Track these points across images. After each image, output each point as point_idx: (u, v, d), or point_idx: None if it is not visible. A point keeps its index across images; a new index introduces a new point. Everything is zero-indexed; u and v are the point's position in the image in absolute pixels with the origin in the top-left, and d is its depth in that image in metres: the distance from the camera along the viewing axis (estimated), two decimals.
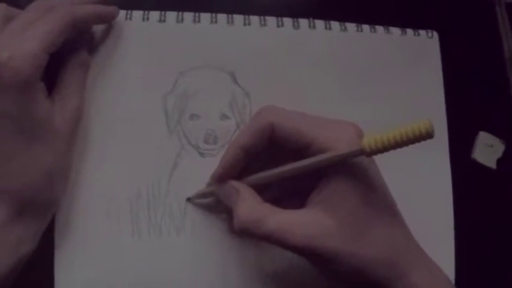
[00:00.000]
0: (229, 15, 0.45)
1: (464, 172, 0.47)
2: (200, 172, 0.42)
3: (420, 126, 0.30)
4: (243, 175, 0.39)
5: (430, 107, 0.47)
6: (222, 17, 0.45)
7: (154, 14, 0.44)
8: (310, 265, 0.36)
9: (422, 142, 0.31)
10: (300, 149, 0.36)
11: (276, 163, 0.37)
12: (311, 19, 0.46)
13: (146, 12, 0.44)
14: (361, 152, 0.33)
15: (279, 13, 0.46)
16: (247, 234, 0.36)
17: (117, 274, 0.40)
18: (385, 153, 0.32)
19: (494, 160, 0.49)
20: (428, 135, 0.30)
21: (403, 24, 0.48)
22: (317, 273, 0.37)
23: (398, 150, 0.32)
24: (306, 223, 0.34)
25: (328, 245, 0.34)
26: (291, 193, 0.38)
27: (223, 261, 0.41)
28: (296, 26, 0.46)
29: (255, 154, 0.38)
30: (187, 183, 0.42)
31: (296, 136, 0.36)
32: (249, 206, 0.36)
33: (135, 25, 0.43)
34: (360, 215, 0.35)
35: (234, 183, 0.38)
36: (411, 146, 0.32)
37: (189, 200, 0.42)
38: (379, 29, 0.47)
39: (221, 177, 0.39)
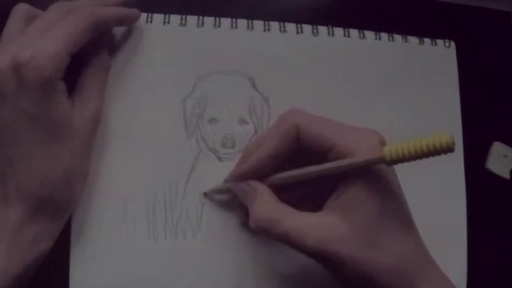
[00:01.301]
0: (250, 21, 0.45)
1: (478, 182, 0.47)
2: (217, 176, 0.42)
3: (442, 139, 0.31)
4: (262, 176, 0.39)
5: (446, 115, 0.47)
6: (242, 22, 0.45)
7: (175, 18, 0.44)
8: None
9: None
10: (321, 153, 0.36)
11: (296, 166, 0.37)
12: (330, 26, 0.46)
13: (167, 15, 0.44)
14: (382, 160, 0.33)
15: (299, 20, 0.46)
16: (263, 233, 0.36)
17: (133, 276, 0.40)
18: None
19: (508, 170, 0.49)
20: (449, 149, 0.31)
21: (421, 34, 0.48)
22: (332, 277, 0.37)
23: None
24: (320, 226, 0.35)
25: (340, 251, 0.34)
26: (308, 196, 0.39)
27: (238, 264, 0.42)
28: (315, 33, 0.46)
29: (282, 158, 0.38)
30: (205, 187, 0.42)
31: (319, 140, 0.36)
32: (266, 205, 0.36)
33: (155, 28, 0.44)
34: (375, 223, 0.35)
35: (252, 182, 0.38)
36: None
37: (205, 194, 0.42)
38: (397, 37, 0.47)
39: (242, 178, 0.39)
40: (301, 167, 0.37)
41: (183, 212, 0.42)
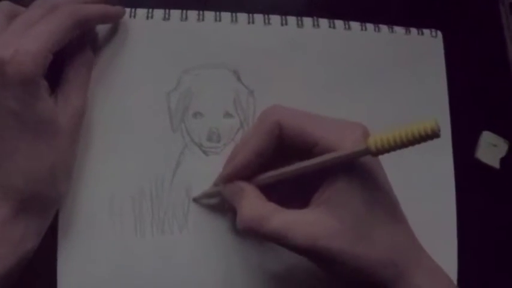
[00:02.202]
0: (233, 14, 0.45)
1: (468, 171, 0.47)
2: (203, 170, 0.42)
3: (426, 125, 0.30)
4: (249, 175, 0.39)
5: (434, 106, 0.47)
6: (226, 15, 0.45)
7: (159, 12, 0.44)
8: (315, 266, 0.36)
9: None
10: (305, 149, 0.36)
11: (281, 163, 0.37)
12: (315, 18, 0.46)
13: (150, 10, 0.44)
14: (367, 152, 0.32)
15: (283, 12, 0.46)
16: (251, 233, 0.35)
17: (120, 271, 0.40)
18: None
19: (498, 159, 0.49)
20: (434, 134, 0.30)
21: (407, 24, 0.48)
22: (323, 274, 0.37)
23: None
24: (309, 223, 0.34)
25: (330, 246, 0.33)
26: (296, 194, 0.38)
27: (226, 260, 0.41)
28: (300, 25, 0.46)
29: (266, 156, 0.37)
30: (191, 181, 0.42)
31: (302, 135, 0.36)
32: (253, 204, 0.36)
33: (139, 23, 0.44)
34: (363, 215, 0.34)
35: (239, 182, 0.38)
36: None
37: (194, 200, 0.42)
38: (383, 28, 0.47)
39: (230, 179, 0.39)
40: (287, 165, 0.36)
41: (170, 207, 0.41)
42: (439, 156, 0.47)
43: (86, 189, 0.41)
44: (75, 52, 0.40)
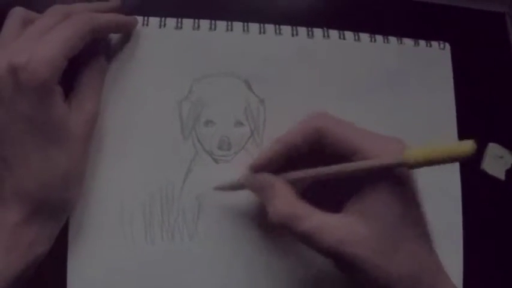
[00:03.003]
0: (245, 24, 0.45)
1: (474, 182, 0.47)
2: (214, 178, 0.42)
3: (463, 146, 0.31)
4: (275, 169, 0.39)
5: (441, 117, 0.48)
6: (237, 25, 0.45)
7: (171, 21, 0.44)
8: (325, 275, 0.36)
9: None
10: (344, 157, 0.36)
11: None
12: (325, 29, 0.47)
13: (163, 19, 0.44)
14: (403, 164, 0.33)
15: (294, 22, 0.46)
16: (282, 229, 0.35)
17: (130, 277, 0.41)
18: None
19: (503, 171, 0.49)
20: (470, 155, 0.31)
21: (415, 35, 0.48)
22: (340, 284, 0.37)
23: None
24: (340, 227, 0.34)
25: (357, 253, 0.33)
26: (325, 198, 0.38)
27: (234, 267, 0.42)
28: (310, 35, 0.46)
29: (296, 154, 0.37)
30: (201, 189, 0.42)
31: (343, 144, 0.36)
32: (288, 200, 0.36)
33: (151, 31, 0.44)
34: (394, 229, 0.34)
35: (270, 177, 0.38)
36: None
37: (216, 188, 0.42)
38: (392, 39, 0.48)
39: (257, 169, 0.39)
40: (323, 166, 0.36)
41: (180, 214, 0.42)
42: (446, 167, 0.46)
43: (97, 194, 0.41)
44: (89, 59, 0.41)
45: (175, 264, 0.41)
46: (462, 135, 0.48)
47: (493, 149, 0.49)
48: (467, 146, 0.31)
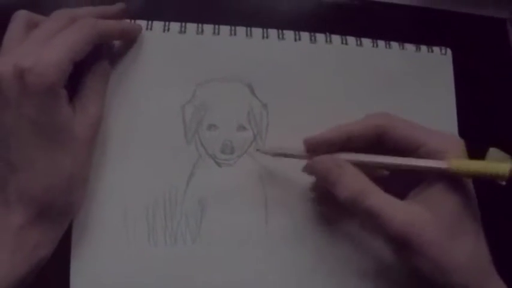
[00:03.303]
0: (248, 28, 0.46)
1: (474, 187, 0.48)
2: (217, 181, 0.43)
3: (501, 168, 0.35)
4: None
5: (442, 122, 0.48)
6: (241, 29, 0.46)
7: (175, 25, 0.45)
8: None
9: None
10: (409, 151, 0.38)
11: None
12: (328, 34, 0.47)
13: (167, 23, 0.45)
14: (448, 170, 0.36)
15: (297, 27, 0.47)
16: (351, 205, 0.37)
17: (133, 281, 0.41)
18: None
19: None
20: (506, 179, 0.34)
21: (417, 41, 0.49)
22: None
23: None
24: (407, 210, 0.36)
25: (423, 234, 0.35)
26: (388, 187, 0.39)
27: (237, 270, 0.42)
28: (313, 40, 0.46)
29: (355, 145, 0.39)
30: (204, 192, 0.42)
31: (407, 140, 0.38)
32: (357, 177, 0.37)
33: (155, 35, 0.44)
34: (455, 220, 0.36)
35: (338, 159, 0.39)
36: None
37: (258, 150, 0.43)
38: (394, 45, 0.48)
39: (310, 147, 0.40)
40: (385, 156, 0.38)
41: (183, 217, 0.42)
42: None
43: (100, 197, 0.41)
44: (93, 63, 0.41)
45: (178, 268, 0.41)
46: (463, 139, 0.48)
47: (494, 154, 0.49)
48: (505, 167, 0.35)
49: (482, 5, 0.53)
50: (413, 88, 0.48)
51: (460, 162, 0.35)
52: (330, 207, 0.43)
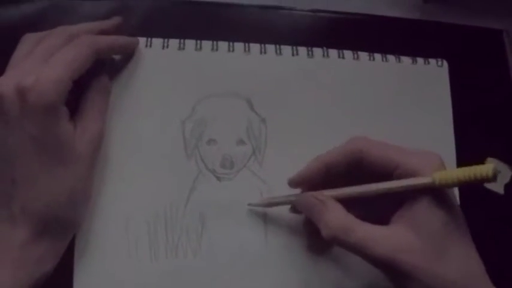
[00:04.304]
0: (246, 44, 0.46)
1: (472, 197, 0.48)
2: (217, 195, 0.43)
3: (484, 170, 0.33)
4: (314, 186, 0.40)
5: (439, 133, 0.48)
6: (239, 45, 0.46)
7: (174, 42, 0.45)
8: None
9: None
10: (386, 173, 0.38)
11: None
12: (325, 48, 0.47)
13: (166, 40, 0.45)
14: (431, 185, 0.35)
15: (294, 42, 0.47)
16: (335, 243, 0.37)
17: None
18: None
19: (502, 186, 0.49)
20: (492, 179, 0.33)
21: (413, 53, 0.49)
22: None
23: None
24: (390, 237, 0.36)
25: (410, 260, 0.35)
26: (371, 212, 0.39)
27: (237, 284, 0.42)
28: (310, 55, 0.47)
29: (336, 174, 0.39)
30: (205, 206, 0.43)
31: (384, 161, 0.38)
32: (338, 215, 0.37)
33: (154, 52, 0.45)
34: (441, 236, 0.36)
35: (319, 195, 0.39)
36: None
37: (249, 205, 0.43)
38: (391, 58, 0.48)
39: (294, 185, 0.41)
40: (366, 184, 0.38)
41: (184, 232, 0.42)
42: None
43: (102, 212, 0.42)
44: (93, 79, 0.41)
45: (179, 281, 0.42)
46: (460, 150, 0.48)
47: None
48: (487, 168, 0.33)
49: (478, 16, 0.53)
50: (410, 100, 0.48)
51: (442, 173, 0.35)
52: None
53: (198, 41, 0.46)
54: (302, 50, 0.47)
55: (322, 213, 0.38)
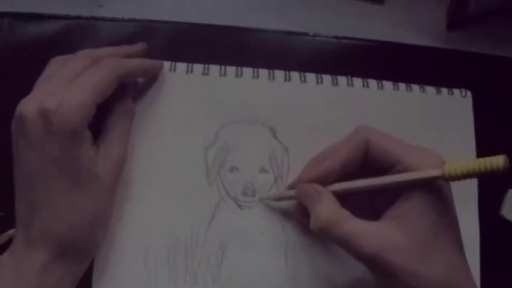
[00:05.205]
0: (271, 71, 0.46)
1: (493, 229, 0.48)
2: (238, 223, 0.43)
3: (496, 160, 0.33)
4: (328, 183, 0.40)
5: None
6: (263, 72, 0.46)
7: (198, 67, 0.45)
8: None
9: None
10: (385, 167, 0.38)
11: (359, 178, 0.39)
12: (349, 77, 0.47)
13: (190, 64, 0.45)
14: (441, 178, 0.35)
15: (319, 70, 0.47)
16: (322, 235, 0.37)
17: None
18: None
19: None
20: (504, 169, 0.33)
21: (437, 83, 0.49)
22: None
23: None
24: (378, 234, 0.36)
25: (394, 260, 0.35)
26: (364, 207, 0.39)
27: None
28: (335, 83, 0.47)
29: (351, 168, 0.39)
30: (225, 234, 0.43)
31: (386, 154, 0.38)
32: (329, 208, 0.37)
33: (178, 77, 0.45)
34: (429, 237, 0.36)
35: (317, 186, 0.39)
36: None
37: (261, 199, 0.44)
38: (415, 87, 0.48)
39: (311, 181, 0.40)
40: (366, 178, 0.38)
41: (204, 258, 0.42)
42: (465, 213, 0.46)
43: (122, 237, 0.42)
44: (117, 103, 0.41)
45: None
46: (482, 181, 0.48)
47: None
48: (499, 159, 0.33)
49: (501, 46, 0.53)
50: (433, 131, 0.48)
51: (452, 165, 0.35)
52: None
53: (223, 67, 0.45)
54: (327, 78, 0.47)
55: (315, 204, 0.38)
